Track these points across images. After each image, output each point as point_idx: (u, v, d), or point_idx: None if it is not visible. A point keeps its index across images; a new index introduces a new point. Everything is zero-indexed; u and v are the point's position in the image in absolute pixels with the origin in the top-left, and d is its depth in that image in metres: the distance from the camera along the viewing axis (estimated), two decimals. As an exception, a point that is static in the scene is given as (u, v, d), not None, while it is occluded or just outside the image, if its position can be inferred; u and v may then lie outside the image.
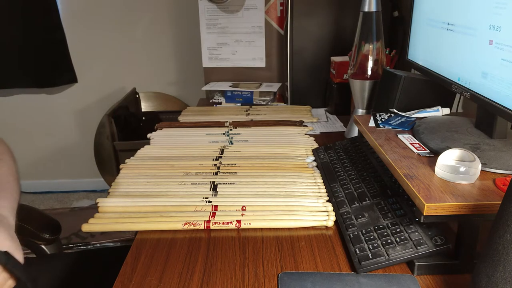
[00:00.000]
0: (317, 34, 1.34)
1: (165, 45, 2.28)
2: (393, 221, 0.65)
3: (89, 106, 2.39)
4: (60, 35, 2.20)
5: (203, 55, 1.63)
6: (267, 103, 1.46)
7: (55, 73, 2.26)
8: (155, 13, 2.22)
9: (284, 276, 0.59)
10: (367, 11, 1.00)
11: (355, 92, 1.08)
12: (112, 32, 2.25)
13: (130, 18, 2.23)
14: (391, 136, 0.79)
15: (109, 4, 2.20)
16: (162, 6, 2.21)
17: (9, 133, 2.32)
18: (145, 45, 2.28)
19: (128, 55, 2.29)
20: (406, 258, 0.59)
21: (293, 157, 0.96)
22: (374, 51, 1.03)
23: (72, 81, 2.32)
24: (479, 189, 0.58)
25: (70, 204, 2.42)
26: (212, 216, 0.73)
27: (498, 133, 0.71)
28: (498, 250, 0.41)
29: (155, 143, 1.09)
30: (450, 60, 0.79)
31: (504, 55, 0.62)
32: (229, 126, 1.18)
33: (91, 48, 2.28)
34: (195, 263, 0.63)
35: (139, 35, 2.26)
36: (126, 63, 2.31)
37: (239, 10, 1.57)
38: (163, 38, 2.27)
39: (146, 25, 2.25)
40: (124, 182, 0.86)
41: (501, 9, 0.62)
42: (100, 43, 2.27)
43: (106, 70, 2.32)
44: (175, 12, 2.22)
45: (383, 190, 0.74)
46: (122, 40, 2.27)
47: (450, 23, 0.78)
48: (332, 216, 0.72)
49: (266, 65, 1.63)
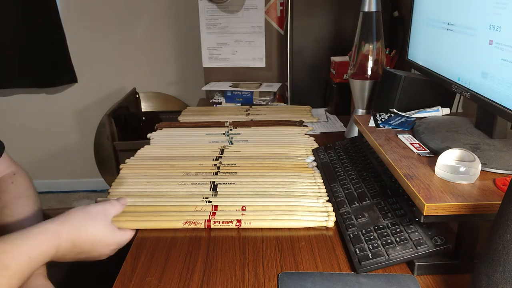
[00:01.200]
0: (317, 34, 1.34)
1: (165, 45, 2.28)
2: (393, 221, 0.65)
3: (89, 106, 2.39)
4: (60, 35, 2.20)
5: (203, 55, 1.63)
6: (267, 103, 1.46)
7: (55, 73, 2.26)
8: (155, 13, 2.22)
9: (284, 276, 0.59)
10: (367, 11, 1.00)
11: (355, 92, 1.08)
12: (112, 32, 2.25)
13: (130, 18, 2.23)
14: (391, 136, 0.79)
15: (109, 4, 2.20)
16: (162, 6, 2.21)
17: (9, 133, 2.32)
18: (145, 45, 2.28)
19: (128, 55, 2.29)
20: (406, 258, 0.59)
21: (293, 157, 0.96)
22: (374, 51, 1.03)
23: (72, 81, 2.31)
24: (479, 189, 0.58)
25: (70, 204, 2.42)
26: (212, 215, 0.73)
27: (498, 133, 0.71)
28: (498, 250, 0.41)
29: (155, 143, 1.09)
30: (450, 60, 0.79)
31: (504, 55, 0.62)
32: (229, 126, 1.18)
33: (91, 48, 2.28)
34: (195, 263, 0.63)
35: (139, 35, 2.26)
36: (126, 63, 2.31)
37: (239, 10, 1.57)
38: (163, 38, 2.27)
39: (146, 25, 2.25)
40: (124, 182, 0.86)
41: (501, 9, 0.62)
42: (100, 43, 2.27)
43: (106, 70, 2.32)
44: (175, 12, 2.22)
45: (383, 190, 0.74)
46: (122, 40, 2.26)
47: (450, 23, 0.78)
48: (332, 216, 0.72)
49: (266, 65, 1.63)
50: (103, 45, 2.28)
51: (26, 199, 0.78)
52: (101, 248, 0.66)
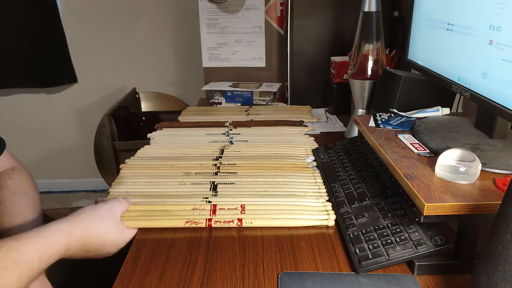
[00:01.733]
0: (317, 34, 1.34)
1: (165, 45, 2.28)
2: (393, 221, 0.65)
3: (89, 106, 2.39)
4: (60, 35, 2.20)
5: (203, 55, 1.63)
6: (267, 103, 1.46)
7: (55, 73, 2.26)
8: (155, 13, 2.22)
9: (284, 276, 0.59)
10: (367, 11, 1.00)
11: (355, 92, 1.08)
12: (112, 32, 2.25)
13: (130, 18, 2.23)
14: (391, 136, 0.79)
15: (109, 4, 2.20)
16: (162, 6, 2.21)
17: (9, 133, 2.32)
18: (145, 45, 2.28)
19: (128, 55, 2.29)
20: (406, 258, 0.59)
21: (293, 157, 0.96)
22: (374, 51, 1.03)
23: (72, 81, 2.32)
24: (479, 189, 0.58)
25: (70, 204, 2.42)
26: (212, 213, 0.73)
27: (498, 133, 0.71)
28: (498, 250, 0.41)
29: (155, 143, 1.09)
30: (450, 60, 0.79)
31: (504, 55, 0.62)
32: (229, 126, 1.18)
33: (91, 48, 2.28)
34: (195, 263, 0.63)
35: (139, 35, 2.26)
36: (126, 63, 2.31)
37: (239, 10, 1.57)
38: (163, 38, 2.27)
39: (146, 25, 2.25)
40: (124, 182, 0.86)
41: (501, 9, 0.62)
42: (100, 43, 2.27)
43: (106, 70, 2.32)
44: (175, 12, 2.22)
45: (383, 190, 0.74)
46: (122, 40, 2.27)
47: (450, 23, 0.78)
48: (332, 215, 0.72)
49: (266, 65, 1.63)
50: (103, 45, 2.28)
51: (23, 195, 0.77)
52: (110, 247, 0.67)
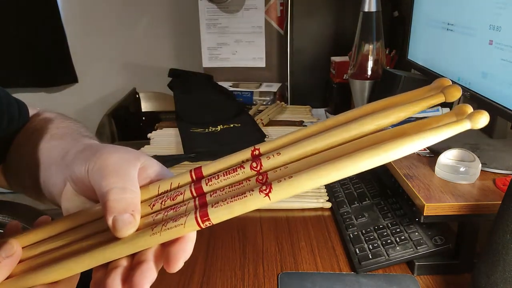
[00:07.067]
0: (317, 34, 1.34)
1: (165, 45, 2.28)
2: (393, 221, 0.65)
3: (89, 106, 2.39)
4: (60, 35, 2.20)
5: (203, 55, 1.63)
6: (267, 103, 1.46)
7: (55, 73, 2.26)
8: (155, 13, 2.22)
9: (284, 276, 0.59)
10: (367, 11, 1.00)
11: (355, 92, 1.08)
12: (113, 32, 2.25)
13: (131, 18, 2.23)
14: (391, 136, 0.79)
15: (110, 4, 2.20)
16: (162, 6, 2.21)
17: (9, 133, 2.32)
18: (145, 45, 2.28)
19: (128, 55, 2.29)
20: (406, 258, 0.59)
21: (293, 157, 0.96)
22: (374, 51, 1.03)
23: (73, 81, 2.31)
24: (479, 189, 0.58)
25: (70, 204, 2.42)
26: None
27: (498, 133, 0.71)
28: (498, 250, 0.41)
29: (155, 143, 1.09)
30: (450, 60, 0.79)
31: (504, 55, 0.62)
32: (229, 126, 1.18)
33: (91, 48, 2.28)
34: (195, 263, 0.63)
35: (139, 35, 2.26)
36: (126, 63, 2.31)
37: (239, 10, 1.57)
38: (163, 38, 2.27)
39: (146, 25, 2.25)
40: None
41: (501, 9, 0.62)
42: (100, 43, 2.27)
43: (106, 70, 2.32)
44: (175, 12, 2.22)
45: (383, 190, 0.74)
46: (122, 40, 2.26)
47: (450, 23, 0.78)
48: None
49: (266, 65, 1.63)
50: (103, 45, 2.27)
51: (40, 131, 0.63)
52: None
